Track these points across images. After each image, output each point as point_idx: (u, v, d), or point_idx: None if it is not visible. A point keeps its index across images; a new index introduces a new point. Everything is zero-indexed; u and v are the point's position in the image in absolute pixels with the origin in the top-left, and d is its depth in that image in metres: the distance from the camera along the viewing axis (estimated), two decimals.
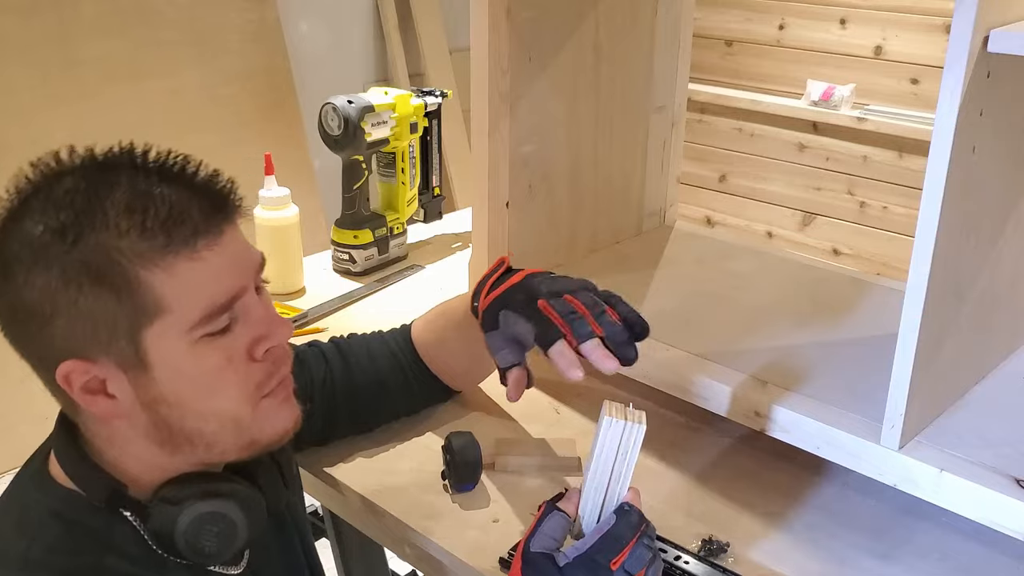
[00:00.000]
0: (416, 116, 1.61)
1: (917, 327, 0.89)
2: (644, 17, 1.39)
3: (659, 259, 1.44)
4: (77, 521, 0.78)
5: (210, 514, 0.78)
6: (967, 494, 0.90)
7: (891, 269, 3.32)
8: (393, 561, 1.70)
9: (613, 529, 0.79)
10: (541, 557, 0.78)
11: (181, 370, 0.76)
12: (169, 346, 0.75)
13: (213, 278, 0.76)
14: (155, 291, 0.73)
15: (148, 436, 0.79)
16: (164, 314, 0.74)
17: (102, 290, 0.72)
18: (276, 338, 0.81)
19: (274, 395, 0.83)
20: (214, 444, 0.80)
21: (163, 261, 0.73)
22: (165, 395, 0.77)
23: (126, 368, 0.75)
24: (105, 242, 0.72)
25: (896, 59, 3.27)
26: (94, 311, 0.73)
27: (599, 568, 0.77)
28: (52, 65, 2.43)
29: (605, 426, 0.82)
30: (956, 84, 0.81)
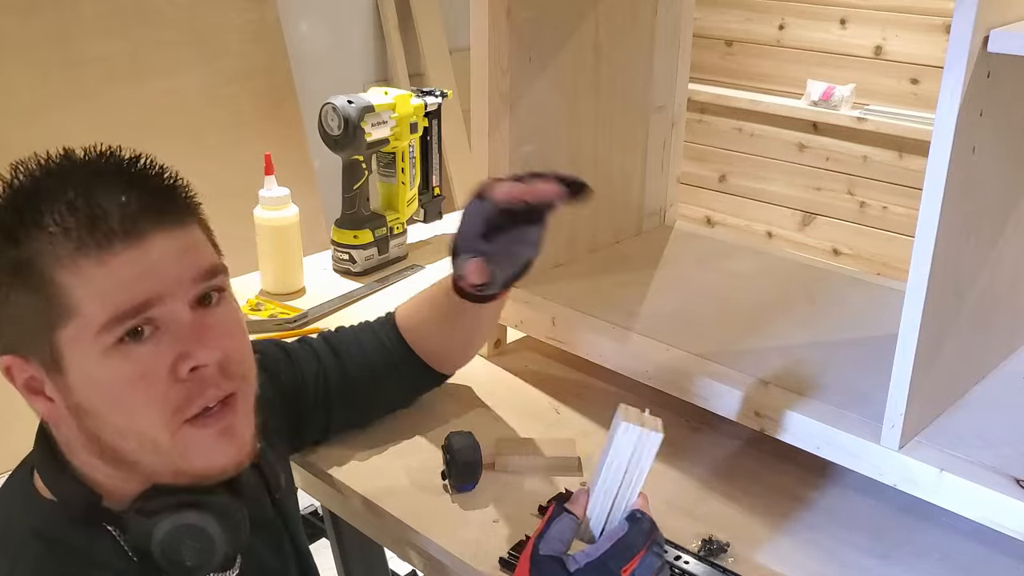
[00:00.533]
0: (416, 116, 1.61)
1: (917, 327, 0.89)
2: (644, 17, 1.39)
3: (659, 259, 1.44)
4: (58, 539, 0.76)
5: (186, 527, 0.76)
6: (967, 494, 0.90)
7: (891, 269, 3.32)
8: (393, 561, 1.70)
9: (625, 537, 0.79)
10: (550, 560, 0.78)
11: (92, 378, 0.74)
12: (81, 351, 0.73)
13: (122, 282, 0.73)
14: (68, 293, 0.72)
15: (86, 447, 0.78)
16: (75, 316, 0.73)
17: (26, 291, 0.73)
18: (197, 357, 0.75)
19: (200, 424, 0.77)
20: (137, 464, 0.77)
21: (74, 263, 0.72)
22: (82, 403, 0.75)
23: (47, 370, 0.75)
24: (34, 244, 0.72)
25: (896, 59, 3.27)
26: (19, 307, 0.74)
27: (609, 575, 0.77)
28: (52, 65, 2.43)
29: (621, 431, 0.81)
30: (956, 84, 0.81)
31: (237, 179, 2.21)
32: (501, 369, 1.31)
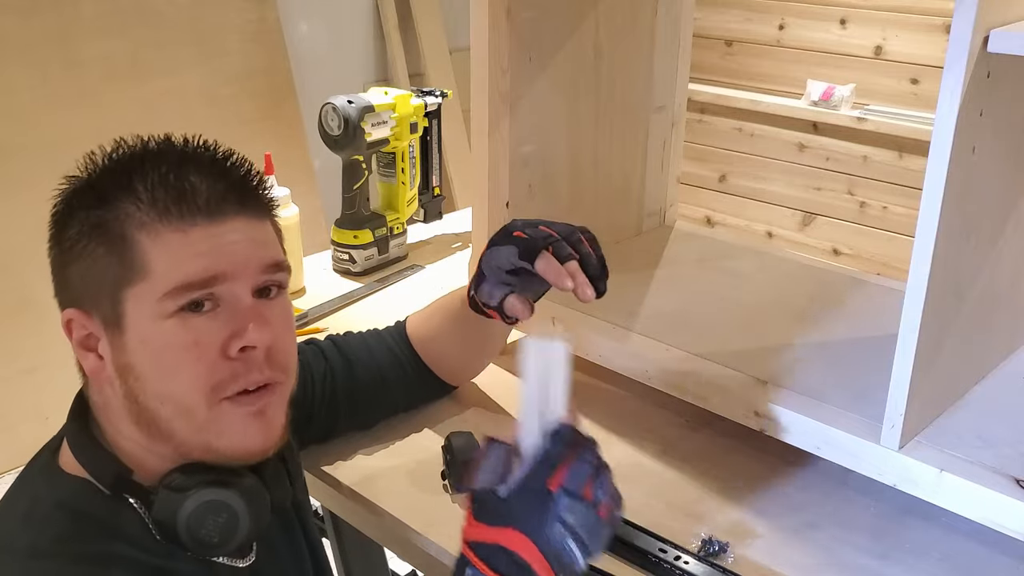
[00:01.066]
0: (416, 116, 1.61)
1: (917, 327, 0.89)
2: (644, 17, 1.39)
3: (659, 259, 1.44)
4: (83, 511, 0.78)
5: (213, 503, 0.78)
6: (967, 494, 0.90)
7: (891, 269, 3.32)
8: (393, 561, 1.70)
9: (546, 451, 0.75)
10: (484, 493, 0.76)
11: (148, 339, 0.78)
12: (144, 311, 0.77)
13: (195, 254, 0.78)
14: (142, 253, 0.77)
15: (124, 411, 0.80)
16: (145, 277, 0.77)
17: (102, 247, 0.77)
18: (250, 338, 0.78)
19: (238, 402, 0.80)
20: (171, 434, 0.80)
21: (153, 227, 0.77)
22: (132, 363, 0.78)
23: (108, 327, 0.78)
24: (120, 206, 0.77)
25: (896, 59, 3.27)
26: (94, 264, 0.78)
27: (537, 493, 0.73)
28: (52, 65, 2.43)
29: (526, 348, 0.77)
30: (956, 84, 0.81)
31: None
32: (501, 369, 1.31)
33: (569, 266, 0.97)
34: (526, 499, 0.74)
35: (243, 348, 0.79)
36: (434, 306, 1.17)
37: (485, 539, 0.74)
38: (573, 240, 1.00)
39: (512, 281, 1.01)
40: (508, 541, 0.73)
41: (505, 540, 0.73)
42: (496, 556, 0.73)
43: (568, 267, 0.97)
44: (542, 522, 0.73)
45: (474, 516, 0.76)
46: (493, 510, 0.74)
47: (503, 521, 0.74)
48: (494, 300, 1.02)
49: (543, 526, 0.73)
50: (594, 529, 0.74)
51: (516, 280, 1.01)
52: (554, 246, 0.98)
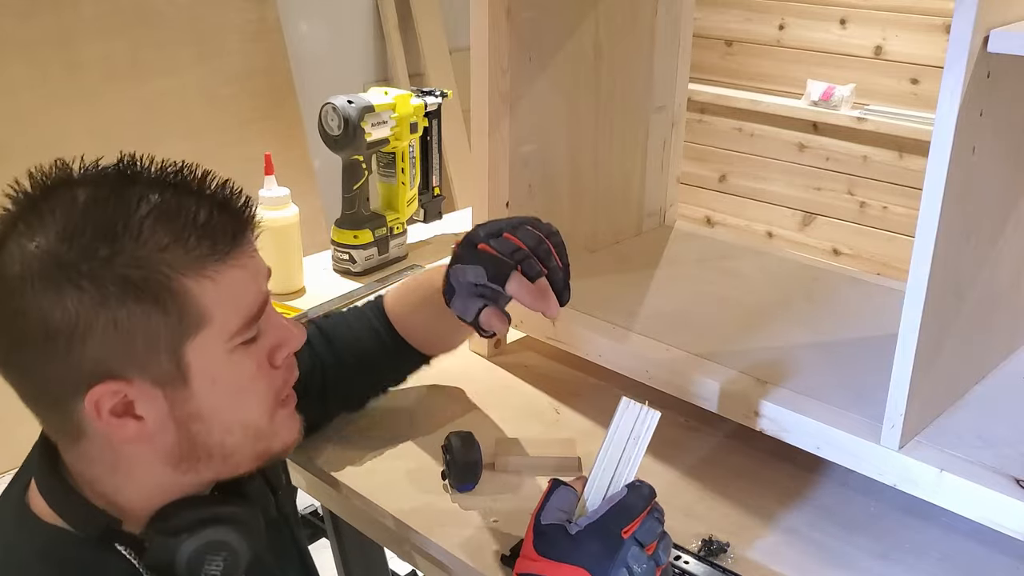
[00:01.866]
0: (416, 116, 1.61)
1: (917, 327, 0.89)
2: (644, 17, 1.39)
3: (659, 259, 1.44)
4: (67, 559, 0.75)
5: (213, 543, 0.77)
6: (967, 494, 0.90)
7: (891, 269, 3.32)
8: (393, 561, 1.70)
9: (625, 499, 0.79)
10: (552, 528, 0.78)
11: (218, 380, 0.75)
12: (209, 357, 0.74)
13: (250, 285, 0.77)
14: (199, 302, 0.72)
15: (166, 456, 0.77)
16: (207, 324, 0.73)
17: (145, 305, 0.70)
18: (295, 343, 0.82)
19: (286, 404, 0.83)
20: (231, 456, 0.79)
21: (207, 270, 0.73)
22: (200, 409, 0.75)
23: (163, 384, 0.73)
24: (145, 256, 0.70)
25: (896, 59, 3.27)
26: (135, 328, 0.70)
27: (610, 536, 0.76)
28: (52, 65, 2.43)
29: (622, 407, 0.83)
30: (956, 84, 0.81)
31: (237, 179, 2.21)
32: (501, 369, 1.31)
33: (540, 284, 0.97)
34: (598, 541, 0.77)
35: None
36: (411, 285, 1.15)
37: (544, 573, 0.77)
38: (541, 253, 0.98)
39: (484, 292, 1.00)
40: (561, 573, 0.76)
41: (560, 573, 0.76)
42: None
43: (539, 286, 0.97)
44: (609, 565, 0.76)
45: (536, 549, 0.78)
46: (560, 546, 0.77)
47: (570, 558, 0.76)
48: (469, 315, 1.00)
49: (609, 569, 0.76)
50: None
51: (488, 291, 1.00)
52: (523, 264, 0.96)
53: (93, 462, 0.77)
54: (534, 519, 0.80)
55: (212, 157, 0.82)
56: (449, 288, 1.01)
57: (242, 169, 0.96)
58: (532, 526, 0.80)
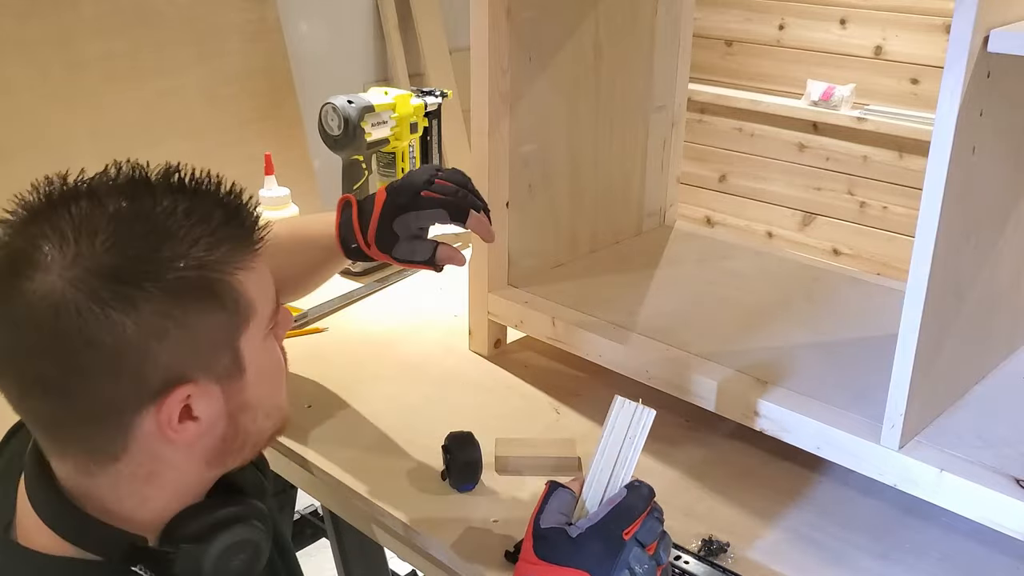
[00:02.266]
0: (416, 116, 1.61)
1: (917, 327, 0.89)
2: (644, 17, 1.39)
3: (659, 259, 1.44)
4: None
5: (239, 542, 0.78)
6: (967, 494, 0.90)
7: (891, 269, 3.32)
8: (393, 561, 1.70)
9: (625, 500, 0.79)
10: (552, 531, 0.78)
11: (262, 368, 0.78)
12: (255, 346, 0.77)
13: (268, 276, 0.79)
14: (248, 294, 0.75)
15: (206, 454, 0.77)
16: (254, 314, 0.76)
17: (209, 303, 0.71)
18: (289, 321, 0.85)
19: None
20: (259, 442, 0.82)
21: (247, 262, 0.75)
22: (249, 398, 0.77)
23: (222, 379, 0.74)
24: (198, 255, 0.71)
25: (896, 59, 3.27)
26: (201, 327, 0.71)
27: (612, 537, 0.77)
28: (52, 65, 2.43)
29: (617, 407, 0.83)
30: (956, 84, 0.81)
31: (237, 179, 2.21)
32: (501, 369, 1.31)
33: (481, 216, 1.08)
34: (600, 543, 0.77)
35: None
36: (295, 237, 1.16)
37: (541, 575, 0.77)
38: (472, 189, 1.10)
39: (422, 234, 1.09)
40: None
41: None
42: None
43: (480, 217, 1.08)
44: (611, 567, 0.76)
45: (536, 553, 0.78)
46: (561, 549, 0.77)
47: (572, 561, 0.76)
48: (422, 255, 1.08)
49: (612, 571, 0.76)
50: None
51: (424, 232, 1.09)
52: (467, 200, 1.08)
53: (124, 480, 0.74)
54: (533, 522, 0.80)
55: (212, 157, 0.83)
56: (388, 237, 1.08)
57: (242, 169, 0.96)
58: (531, 529, 0.79)
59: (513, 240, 1.30)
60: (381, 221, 1.07)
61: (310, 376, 1.28)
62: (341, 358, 1.34)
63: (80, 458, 0.74)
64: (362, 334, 1.41)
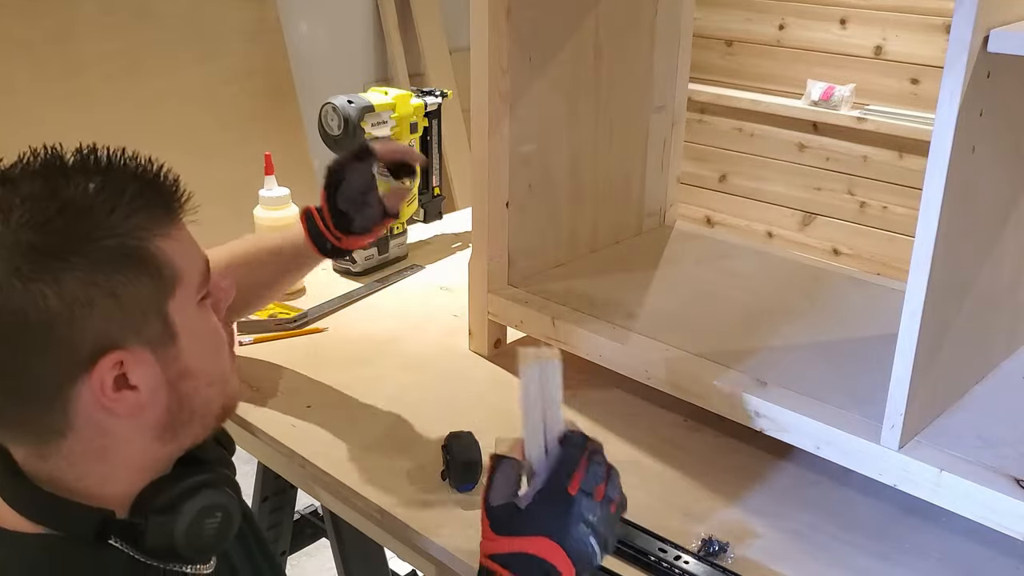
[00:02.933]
0: (416, 116, 1.61)
1: (917, 327, 0.89)
2: (644, 17, 1.39)
3: (659, 259, 1.44)
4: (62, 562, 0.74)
5: (207, 507, 0.78)
6: (967, 494, 0.90)
7: (891, 269, 3.32)
8: (393, 561, 1.70)
9: (562, 456, 0.80)
10: (503, 508, 0.79)
11: (197, 334, 0.78)
12: (187, 312, 0.77)
13: (196, 243, 0.80)
14: (172, 260, 0.76)
15: (154, 427, 0.77)
16: (180, 281, 0.76)
17: (130, 270, 0.73)
18: (228, 296, 0.84)
19: (233, 356, 0.86)
20: (208, 412, 0.81)
21: (169, 229, 0.76)
22: (189, 366, 0.78)
23: (155, 346, 0.75)
24: (116, 225, 0.72)
25: (896, 59, 3.27)
26: (126, 294, 0.72)
27: (559, 496, 0.78)
28: (52, 65, 2.43)
29: (523, 373, 0.84)
30: (956, 84, 0.81)
31: (237, 179, 2.22)
32: (501, 369, 1.31)
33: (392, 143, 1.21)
34: (549, 506, 0.78)
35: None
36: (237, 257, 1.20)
37: (509, 550, 0.78)
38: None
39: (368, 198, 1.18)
40: (535, 548, 0.77)
41: (532, 548, 0.77)
42: (522, 564, 0.77)
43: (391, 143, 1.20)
44: (567, 524, 0.78)
45: (494, 531, 0.79)
46: (515, 522, 0.78)
47: (528, 530, 0.78)
48: (376, 216, 1.18)
49: (568, 528, 0.78)
50: (609, 524, 0.80)
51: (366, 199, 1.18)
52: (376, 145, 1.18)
53: (78, 458, 0.76)
54: (484, 501, 0.80)
55: (212, 157, 0.83)
56: (344, 220, 1.16)
57: (242, 169, 0.97)
58: (484, 509, 0.80)
59: (513, 240, 1.30)
60: (331, 209, 1.17)
61: (310, 376, 1.28)
62: (341, 358, 1.34)
63: (30, 443, 0.76)
64: (362, 334, 1.41)
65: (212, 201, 0.86)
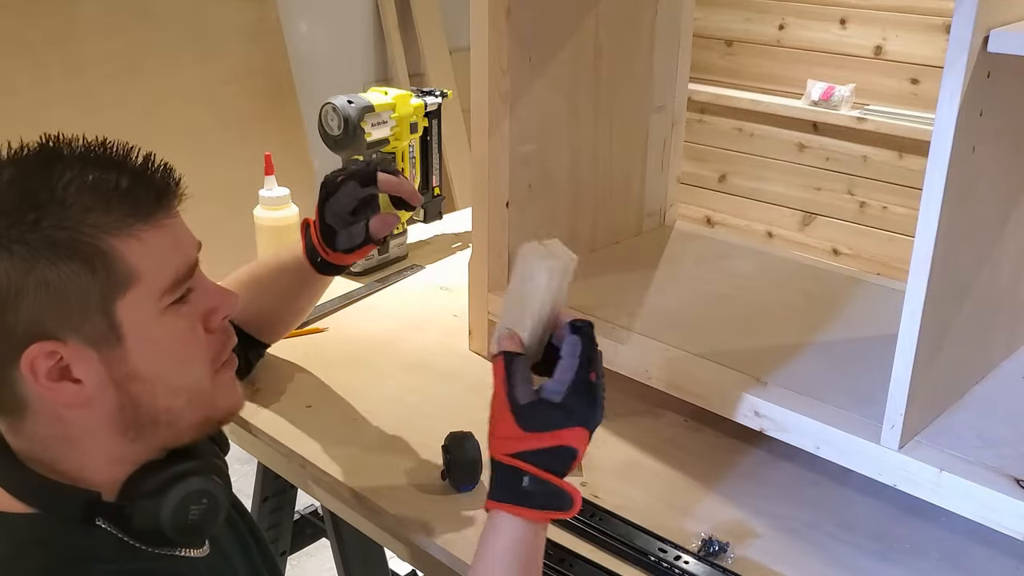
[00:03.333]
0: (416, 116, 1.61)
1: (917, 327, 0.89)
2: (644, 17, 1.39)
3: (659, 259, 1.44)
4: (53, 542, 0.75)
5: (193, 492, 0.79)
6: (967, 494, 0.90)
7: (891, 269, 3.32)
8: (393, 561, 1.70)
9: (584, 347, 0.83)
10: (535, 404, 0.80)
11: (153, 340, 0.77)
12: (142, 316, 0.76)
13: (177, 246, 0.79)
14: (127, 260, 0.75)
15: (111, 423, 0.77)
16: (136, 283, 0.75)
17: (74, 264, 0.73)
18: (228, 307, 0.84)
19: (226, 369, 0.85)
20: (177, 421, 0.80)
21: (132, 230, 0.75)
22: (138, 370, 0.77)
23: (98, 344, 0.75)
24: (70, 217, 0.73)
25: (896, 59, 3.27)
26: (66, 287, 0.73)
27: (588, 387, 0.81)
28: (52, 65, 2.43)
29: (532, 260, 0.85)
30: (956, 84, 0.81)
31: (237, 179, 2.22)
32: None
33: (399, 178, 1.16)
34: (580, 396, 0.81)
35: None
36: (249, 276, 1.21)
37: (542, 445, 0.79)
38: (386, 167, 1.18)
39: (356, 219, 1.16)
40: (570, 439, 0.79)
41: (567, 439, 0.79)
42: (551, 457, 0.79)
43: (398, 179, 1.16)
44: (595, 411, 0.82)
45: (524, 429, 0.79)
46: (551, 417, 0.80)
47: (566, 423, 0.80)
48: (358, 237, 1.16)
49: (596, 414, 0.82)
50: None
51: (356, 219, 1.16)
52: (379, 167, 1.16)
53: (45, 441, 0.77)
54: (508, 400, 0.80)
55: (212, 157, 0.83)
56: (328, 231, 1.15)
57: (242, 169, 0.97)
58: (509, 407, 0.80)
59: (513, 240, 1.30)
60: (320, 224, 1.16)
61: (310, 376, 1.28)
62: (341, 358, 1.34)
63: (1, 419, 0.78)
64: (362, 334, 1.41)
65: (212, 201, 0.86)
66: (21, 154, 0.77)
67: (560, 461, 0.79)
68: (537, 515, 0.79)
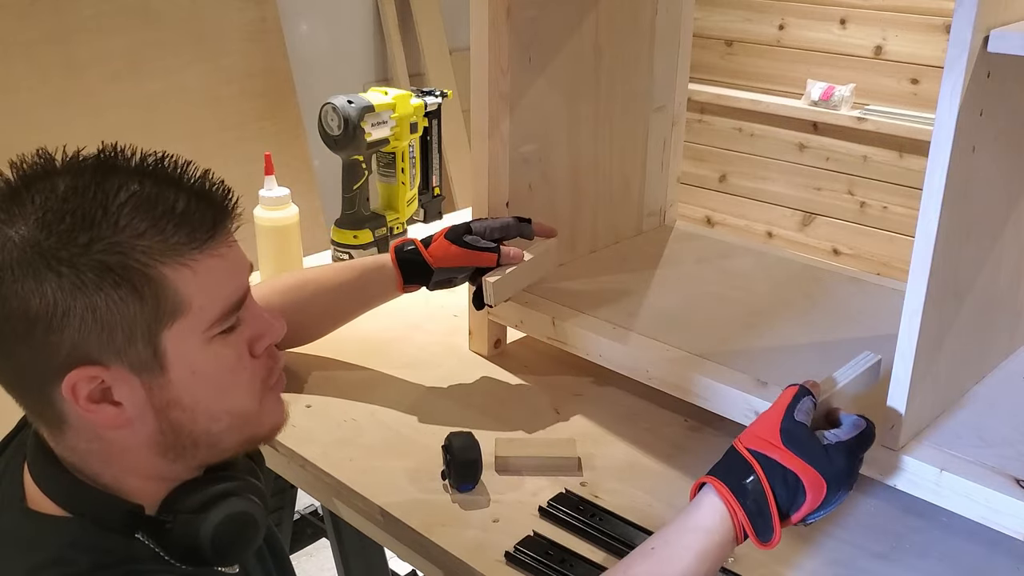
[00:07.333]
0: (416, 116, 1.61)
1: (917, 327, 0.89)
2: (644, 17, 1.39)
3: (659, 259, 1.44)
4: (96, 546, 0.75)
5: (235, 514, 0.79)
6: (967, 494, 0.90)
7: (891, 269, 3.31)
8: (393, 561, 1.70)
9: (866, 431, 0.88)
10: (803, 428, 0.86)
11: (198, 370, 0.76)
12: (187, 346, 0.75)
13: (230, 275, 0.77)
14: (178, 290, 0.73)
15: (150, 444, 0.77)
16: (185, 313, 0.74)
17: (122, 291, 0.71)
18: (273, 335, 0.83)
19: (274, 389, 0.85)
20: (218, 443, 0.80)
21: (184, 258, 0.73)
22: (180, 397, 0.76)
23: (140, 371, 0.74)
24: (123, 242, 0.71)
25: (896, 59, 3.27)
26: (113, 314, 0.71)
27: (854, 458, 0.86)
28: (52, 65, 2.43)
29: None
30: (956, 84, 0.81)
31: (237, 179, 2.21)
32: (501, 369, 1.31)
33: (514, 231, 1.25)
34: (846, 459, 0.85)
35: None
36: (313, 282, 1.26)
37: (782, 461, 0.84)
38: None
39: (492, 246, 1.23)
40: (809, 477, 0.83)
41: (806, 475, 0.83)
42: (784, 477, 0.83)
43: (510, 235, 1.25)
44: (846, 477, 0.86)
45: (781, 437, 0.85)
46: (810, 448, 0.84)
47: (817, 463, 0.84)
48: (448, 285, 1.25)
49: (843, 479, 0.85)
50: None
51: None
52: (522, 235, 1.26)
53: (84, 455, 0.77)
54: (785, 412, 0.86)
55: (212, 157, 0.82)
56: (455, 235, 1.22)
57: (242, 169, 0.96)
58: (782, 418, 0.86)
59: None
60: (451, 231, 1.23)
61: (310, 376, 1.28)
62: (341, 358, 1.34)
63: (42, 423, 0.78)
64: (362, 334, 1.41)
65: None
66: (77, 163, 0.75)
67: (787, 489, 0.83)
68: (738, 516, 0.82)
